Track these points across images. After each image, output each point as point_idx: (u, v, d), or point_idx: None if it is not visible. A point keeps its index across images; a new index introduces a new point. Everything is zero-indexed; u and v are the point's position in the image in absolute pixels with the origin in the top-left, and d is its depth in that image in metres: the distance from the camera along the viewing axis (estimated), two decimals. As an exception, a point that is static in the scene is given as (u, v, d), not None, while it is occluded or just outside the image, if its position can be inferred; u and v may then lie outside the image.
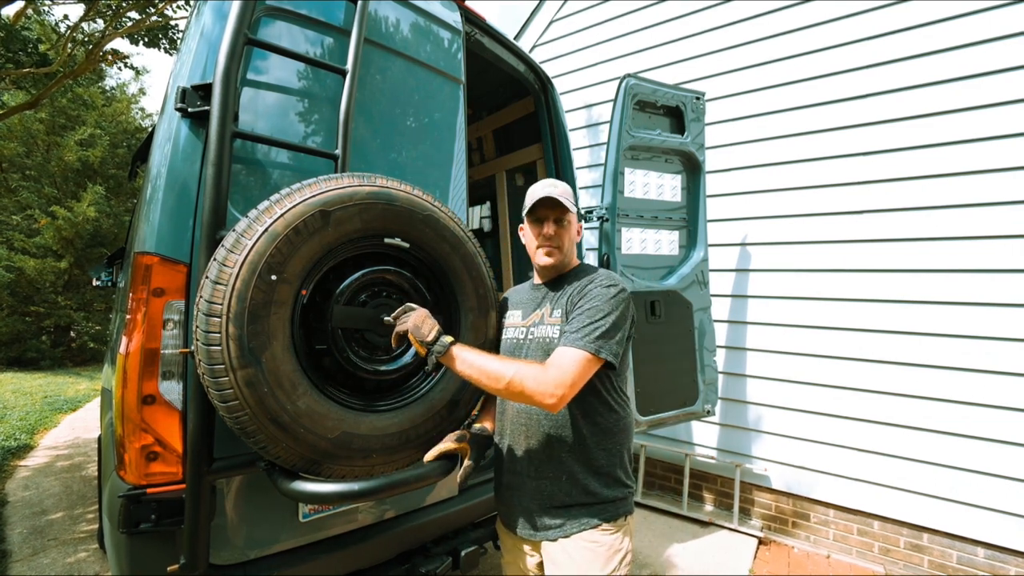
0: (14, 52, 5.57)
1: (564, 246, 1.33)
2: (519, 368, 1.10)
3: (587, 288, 1.24)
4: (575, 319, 1.19)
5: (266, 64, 1.42)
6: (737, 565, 2.86)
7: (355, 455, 1.18)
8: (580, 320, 1.17)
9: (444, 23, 1.92)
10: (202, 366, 1.04)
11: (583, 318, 1.17)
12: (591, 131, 4.23)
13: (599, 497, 1.20)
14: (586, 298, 1.21)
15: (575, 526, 1.19)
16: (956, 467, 2.65)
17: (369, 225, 1.22)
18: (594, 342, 1.13)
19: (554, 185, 1.33)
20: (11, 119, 9.06)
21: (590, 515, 1.19)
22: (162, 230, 1.24)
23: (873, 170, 2.95)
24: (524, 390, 1.08)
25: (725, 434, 3.46)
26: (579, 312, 1.19)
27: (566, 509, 1.20)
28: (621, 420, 1.27)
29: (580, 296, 1.23)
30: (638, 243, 2.68)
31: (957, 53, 2.72)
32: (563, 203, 1.29)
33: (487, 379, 1.11)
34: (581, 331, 1.15)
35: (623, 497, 1.24)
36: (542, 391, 1.07)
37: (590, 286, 1.24)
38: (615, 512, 1.21)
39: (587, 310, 1.18)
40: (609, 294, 1.20)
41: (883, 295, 2.89)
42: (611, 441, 1.25)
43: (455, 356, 1.13)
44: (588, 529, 1.18)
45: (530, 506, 1.24)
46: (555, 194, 1.29)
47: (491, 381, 1.11)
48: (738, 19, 3.47)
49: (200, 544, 1.19)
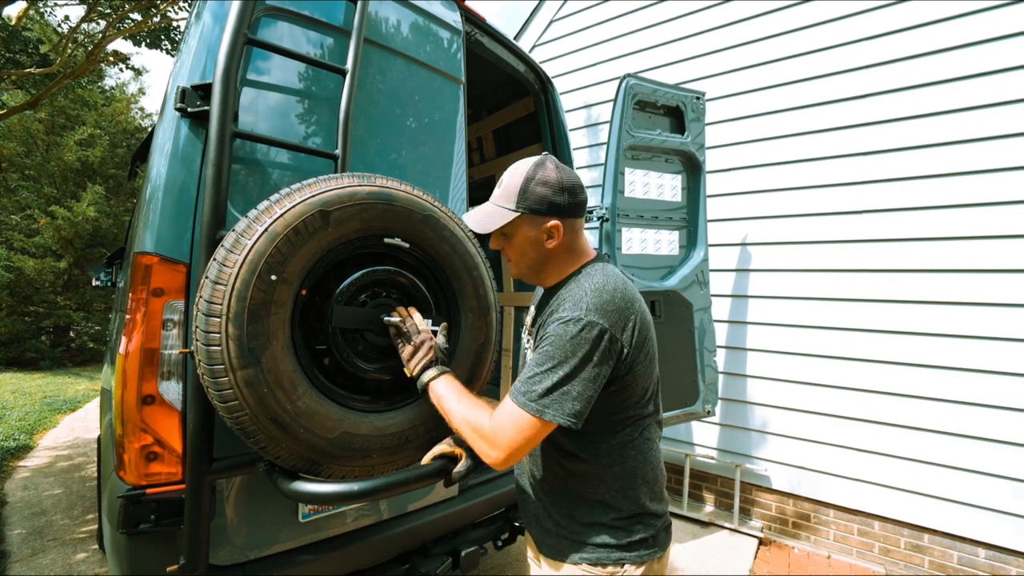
0: (15, 52, 5.58)
1: (514, 259, 1.12)
2: (464, 418, 1.01)
3: (551, 317, 1.00)
4: (534, 357, 0.98)
5: (266, 64, 1.42)
6: (737, 565, 2.86)
7: (355, 455, 1.18)
8: (532, 365, 0.97)
9: (444, 23, 1.92)
10: (202, 366, 1.03)
11: (534, 364, 0.96)
12: (591, 131, 4.23)
13: (584, 536, 1.05)
14: (547, 337, 0.97)
15: (560, 553, 1.08)
16: (956, 467, 2.65)
17: (369, 225, 1.22)
18: (538, 400, 0.92)
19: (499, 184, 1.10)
20: (11, 119, 9.06)
21: (573, 550, 1.06)
22: (162, 230, 1.24)
23: (873, 170, 2.95)
24: (473, 443, 1.00)
25: (725, 434, 3.46)
26: (538, 352, 0.98)
27: (555, 536, 1.10)
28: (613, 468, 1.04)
29: (544, 328, 1.00)
30: (638, 243, 2.68)
31: (957, 53, 2.72)
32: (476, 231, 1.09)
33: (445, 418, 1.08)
34: (528, 381, 0.95)
35: (620, 545, 1.04)
36: (480, 447, 0.98)
37: (553, 316, 0.99)
38: (604, 557, 1.03)
39: (540, 354, 0.96)
40: (566, 333, 0.93)
41: (883, 295, 2.89)
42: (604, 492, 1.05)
43: (429, 391, 1.13)
44: (570, 564, 1.06)
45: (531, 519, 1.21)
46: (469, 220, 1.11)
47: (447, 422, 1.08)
48: (738, 19, 3.48)
49: (200, 544, 1.18)
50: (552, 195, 1.04)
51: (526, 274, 1.14)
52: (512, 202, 1.05)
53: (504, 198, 1.06)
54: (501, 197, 1.07)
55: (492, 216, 1.07)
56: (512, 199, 1.05)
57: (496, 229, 1.07)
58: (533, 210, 1.04)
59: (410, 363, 1.16)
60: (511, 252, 1.12)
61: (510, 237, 1.09)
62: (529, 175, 1.05)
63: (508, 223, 1.05)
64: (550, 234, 1.06)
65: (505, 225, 1.06)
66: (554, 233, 1.05)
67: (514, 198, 1.05)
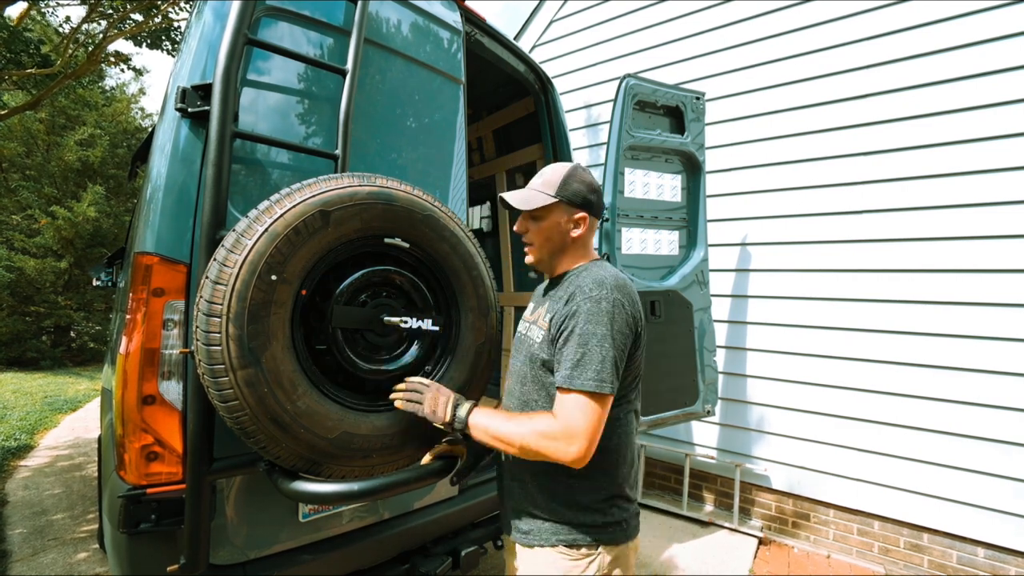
0: (16, 53, 5.58)
1: (537, 243, 1.21)
2: (529, 430, 1.01)
3: (574, 303, 1.07)
4: (567, 346, 1.04)
5: (266, 64, 1.42)
6: (737, 565, 2.86)
7: (355, 455, 1.18)
8: (572, 349, 1.02)
9: (444, 23, 1.92)
10: (202, 366, 1.04)
11: (574, 347, 1.02)
12: (591, 131, 4.23)
13: (562, 517, 1.10)
14: (575, 318, 1.05)
15: (538, 538, 1.12)
16: (956, 467, 2.65)
17: (369, 225, 1.22)
18: (594, 379, 0.99)
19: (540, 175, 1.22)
20: (11, 119, 9.07)
21: (552, 532, 1.10)
22: (162, 230, 1.24)
23: (873, 170, 2.95)
24: (540, 452, 1.00)
25: (725, 434, 3.46)
26: (570, 336, 1.04)
27: (532, 518, 1.14)
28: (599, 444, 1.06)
29: (568, 314, 1.07)
30: (638, 243, 2.68)
31: (957, 53, 2.72)
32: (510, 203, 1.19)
33: (502, 447, 1.05)
34: (578, 366, 1.01)
35: (596, 525, 1.09)
36: (555, 448, 0.98)
37: (578, 300, 1.06)
38: (580, 538, 1.08)
39: (578, 335, 1.03)
40: (599, 308, 1.03)
41: (883, 295, 2.89)
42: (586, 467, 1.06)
43: (472, 428, 1.09)
44: (548, 547, 1.10)
45: (510, 506, 1.22)
46: (513, 193, 1.20)
47: (507, 448, 1.05)
48: (738, 19, 3.47)
49: (200, 544, 1.19)
50: (587, 192, 1.19)
51: (544, 259, 1.24)
52: (552, 189, 1.18)
53: (545, 186, 1.19)
54: (542, 185, 1.19)
55: (533, 198, 1.18)
56: (553, 187, 1.18)
57: (530, 210, 1.19)
58: (569, 200, 1.18)
59: (438, 414, 1.12)
60: (537, 235, 1.21)
61: (540, 220, 1.20)
62: (570, 172, 1.19)
63: (544, 207, 1.18)
64: (577, 224, 1.19)
65: (540, 208, 1.18)
66: (581, 224, 1.19)
67: (555, 187, 1.18)
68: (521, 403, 1.21)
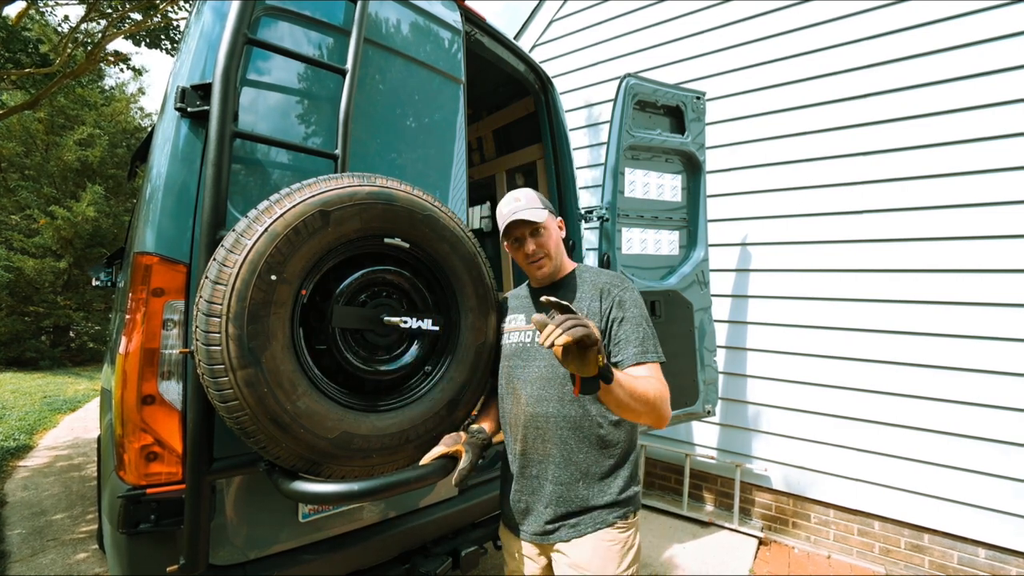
0: (15, 52, 5.57)
1: (551, 252, 1.34)
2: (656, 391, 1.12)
3: (620, 296, 1.27)
4: (627, 327, 1.23)
5: (266, 64, 1.42)
6: (737, 565, 2.86)
7: (355, 455, 1.18)
8: (637, 332, 1.23)
9: (444, 23, 1.91)
10: (202, 366, 1.03)
11: (639, 331, 1.23)
12: (591, 131, 4.22)
13: (615, 497, 1.23)
14: (626, 307, 1.26)
15: (590, 526, 1.21)
16: (956, 467, 2.65)
17: (369, 225, 1.22)
18: (657, 350, 1.24)
19: (517, 199, 1.33)
20: (10, 119, 9.06)
21: (606, 514, 1.22)
22: (162, 230, 1.24)
23: (873, 170, 2.95)
24: (661, 412, 1.13)
25: (725, 434, 3.46)
26: (625, 320, 1.24)
27: (583, 511, 1.22)
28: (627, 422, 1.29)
29: (619, 307, 1.26)
30: (638, 243, 2.68)
31: (957, 53, 2.72)
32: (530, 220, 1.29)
33: (631, 401, 1.05)
34: (646, 341, 1.23)
35: (634, 495, 1.28)
36: (666, 411, 1.15)
37: (623, 294, 1.28)
38: (628, 510, 1.25)
39: (638, 322, 1.24)
40: (637, 298, 1.29)
41: (883, 295, 2.89)
42: (626, 441, 1.29)
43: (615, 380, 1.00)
44: (603, 528, 1.21)
45: (545, 510, 1.24)
46: (521, 212, 1.29)
47: (634, 404, 1.06)
48: (738, 19, 3.47)
49: (200, 544, 1.18)
50: (548, 201, 1.40)
51: (555, 266, 1.36)
52: (539, 204, 1.34)
53: (537, 203, 1.34)
54: (534, 203, 1.33)
55: (539, 213, 1.31)
56: (538, 203, 1.34)
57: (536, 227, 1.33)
58: (551, 211, 1.37)
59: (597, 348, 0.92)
60: (550, 245, 1.34)
61: (545, 232, 1.33)
62: (532, 192, 1.37)
63: (545, 220, 1.32)
64: (561, 227, 1.42)
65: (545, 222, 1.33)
66: (562, 226, 1.43)
67: (539, 202, 1.34)
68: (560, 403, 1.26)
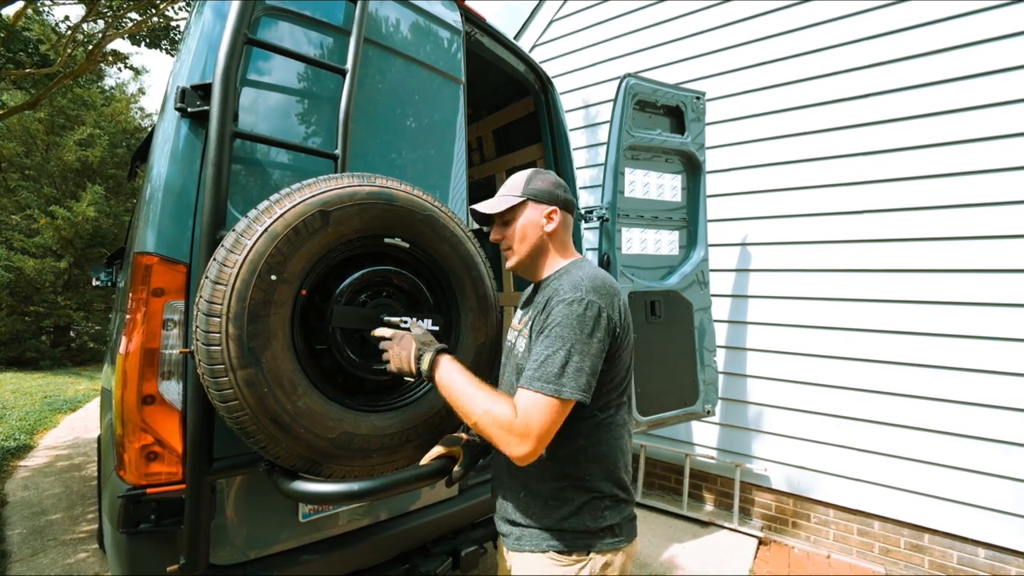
0: (14, 52, 5.57)
1: (515, 245, 1.20)
2: (488, 408, 0.98)
3: (549, 305, 1.06)
4: (537, 346, 1.03)
5: (266, 64, 1.42)
6: (737, 565, 2.86)
7: (355, 455, 1.18)
8: (540, 350, 1.01)
9: (444, 23, 1.91)
10: (202, 366, 1.04)
11: (543, 348, 1.00)
12: (591, 131, 4.23)
13: (551, 523, 1.08)
14: (547, 319, 1.04)
15: (527, 543, 1.10)
16: (956, 467, 2.65)
17: (369, 225, 1.22)
18: (555, 381, 0.96)
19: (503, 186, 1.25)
20: (10, 119, 9.06)
21: (541, 539, 1.09)
22: (162, 230, 1.24)
23: (873, 170, 2.95)
24: (491, 437, 0.98)
25: (725, 434, 3.46)
26: (542, 337, 1.03)
27: (526, 525, 1.12)
28: (588, 449, 1.09)
29: (544, 315, 1.06)
30: (638, 243, 2.68)
31: (957, 53, 2.72)
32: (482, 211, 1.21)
33: (458, 411, 1.03)
34: (541, 367, 0.98)
35: (587, 531, 1.07)
36: (507, 442, 0.96)
37: (552, 302, 1.05)
38: (571, 544, 1.07)
39: (547, 337, 1.01)
40: (571, 313, 1.00)
41: (883, 295, 2.89)
42: (576, 471, 1.09)
43: (437, 381, 1.07)
44: (537, 552, 1.08)
45: (500, 512, 1.21)
46: (483, 202, 1.23)
47: (461, 415, 1.03)
48: (738, 19, 3.47)
49: (200, 544, 1.18)
50: (551, 188, 1.21)
51: (524, 262, 1.22)
52: (518, 190, 1.21)
53: (510, 189, 1.22)
54: (506, 189, 1.23)
55: (501, 202, 1.21)
56: (518, 189, 1.21)
57: (501, 216, 1.21)
58: (535, 197, 1.20)
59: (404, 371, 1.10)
60: (512, 238, 1.21)
61: (512, 223, 1.21)
62: (531, 173, 1.24)
63: (512, 207, 1.20)
64: (549, 219, 1.19)
65: (508, 211, 1.20)
66: (553, 217, 1.19)
67: (519, 189, 1.21)
68: None
